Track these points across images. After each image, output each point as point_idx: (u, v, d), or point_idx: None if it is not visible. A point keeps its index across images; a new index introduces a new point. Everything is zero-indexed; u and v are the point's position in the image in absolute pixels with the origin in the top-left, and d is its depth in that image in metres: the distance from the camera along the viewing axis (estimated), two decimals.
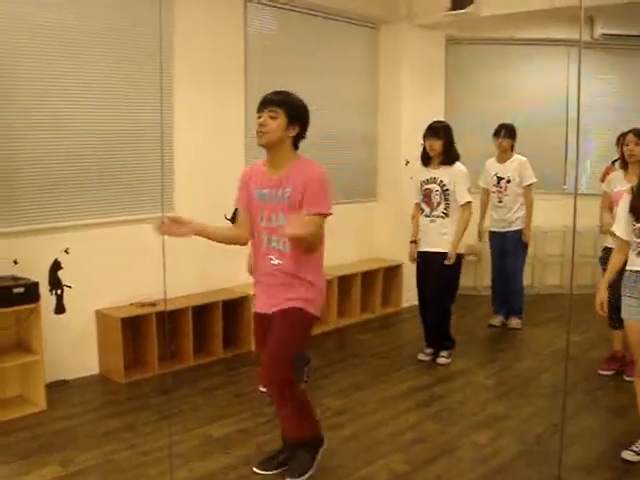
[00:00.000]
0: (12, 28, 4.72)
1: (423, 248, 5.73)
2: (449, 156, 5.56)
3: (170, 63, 5.57)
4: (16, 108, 4.78)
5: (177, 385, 5.16)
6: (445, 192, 5.54)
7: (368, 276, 7.17)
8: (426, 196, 5.65)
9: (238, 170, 6.11)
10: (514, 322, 6.80)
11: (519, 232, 6.60)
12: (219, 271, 6.02)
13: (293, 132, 3.42)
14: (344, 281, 6.88)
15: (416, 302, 5.95)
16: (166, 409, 4.66)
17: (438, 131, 5.54)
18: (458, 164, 5.57)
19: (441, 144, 5.51)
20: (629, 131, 5.03)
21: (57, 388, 4.99)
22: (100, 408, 4.75)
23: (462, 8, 6.86)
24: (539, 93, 8.10)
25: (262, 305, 3.61)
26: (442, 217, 5.57)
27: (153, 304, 5.37)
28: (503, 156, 6.59)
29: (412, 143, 6.56)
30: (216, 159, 6.00)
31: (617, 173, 5.22)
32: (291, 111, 3.37)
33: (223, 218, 6.05)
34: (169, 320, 5.54)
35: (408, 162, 7.16)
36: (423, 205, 5.70)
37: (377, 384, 5.24)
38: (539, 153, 7.13)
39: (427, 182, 5.63)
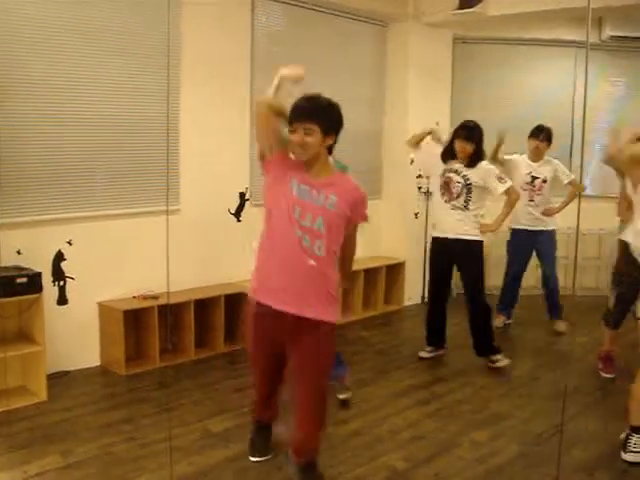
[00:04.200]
0: (27, 24, 4.73)
1: (442, 234, 5.55)
2: (476, 159, 5.37)
3: (177, 59, 5.57)
4: (24, 100, 4.79)
5: (177, 379, 5.17)
6: (468, 186, 5.35)
7: (371, 273, 7.16)
8: (445, 184, 5.44)
9: (243, 166, 6.21)
10: (561, 326, 6.63)
11: (554, 232, 6.56)
12: (221, 265, 6.03)
13: (329, 142, 3.38)
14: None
15: (418, 301, 5.94)
16: (166, 402, 4.67)
17: (473, 134, 5.31)
18: (483, 163, 5.40)
19: (473, 148, 5.32)
20: None
21: (58, 379, 5.00)
22: (101, 400, 4.76)
23: (470, 7, 6.85)
24: (546, 94, 8.07)
25: (286, 301, 3.36)
26: (462, 209, 5.39)
27: (155, 297, 5.38)
28: (537, 157, 6.47)
29: None
30: (221, 154, 6.00)
31: None
32: (326, 125, 3.31)
33: (227, 212, 6.10)
34: (171, 313, 5.54)
35: (413, 161, 7.15)
36: (442, 191, 5.47)
37: (379, 381, 5.25)
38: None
39: (449, 171, 5.41)
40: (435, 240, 5.65)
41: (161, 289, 5.32)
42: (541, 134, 6.38)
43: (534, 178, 6.43)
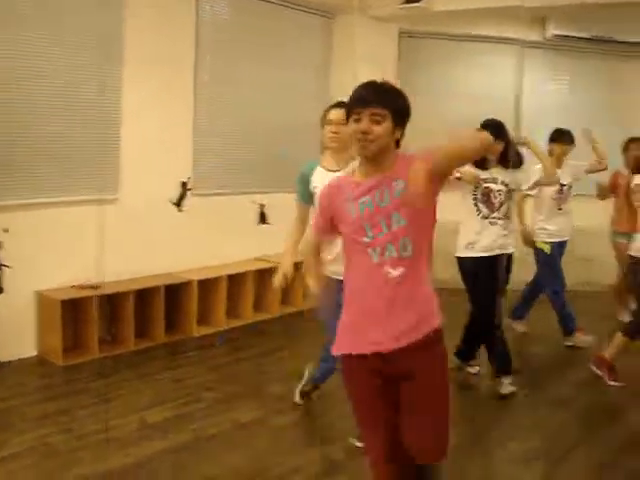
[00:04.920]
0: None
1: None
2: (511, 159, 4.85)
3: (120, 46, 5.49)
4: None
5: (117, 369, 5.11)
6: (508, 193, 4.88)
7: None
8: (484, 195, 4.89)
9: (185, 155, 6.16)
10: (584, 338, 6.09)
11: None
12: (162, 255, 5.98)
13: (399, 134, 2.69)
14: None
15: None
16: (104, 393, 4.62)
17: (501, 132, 4.74)
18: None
19: (502, 147, 4.80)
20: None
21: None
22: (37, 391, 4.70)
23: (415, 1, 6.89)
24: (492, 90, 8.13)
25: (376, 339, 2.61)
26: (504, 219, 4.90)
27: (95, 287, 5.32)
28: (558, 163, 5.87)
29: None
30: (163, 143, 5.94)
31: None
32: (398, 112, 2.63)
33: (168, 202, 6.05)
34: (110, 303, 5.49)
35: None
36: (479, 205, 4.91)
37: None
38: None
39: (485, 181, 4.85)
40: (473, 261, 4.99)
41: (101, 279, 5.27)
42: (564, 138, 5.94)
43: (562, 185, 5.92)
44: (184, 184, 6.17)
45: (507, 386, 4.86)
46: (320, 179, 3.92)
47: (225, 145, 6.58)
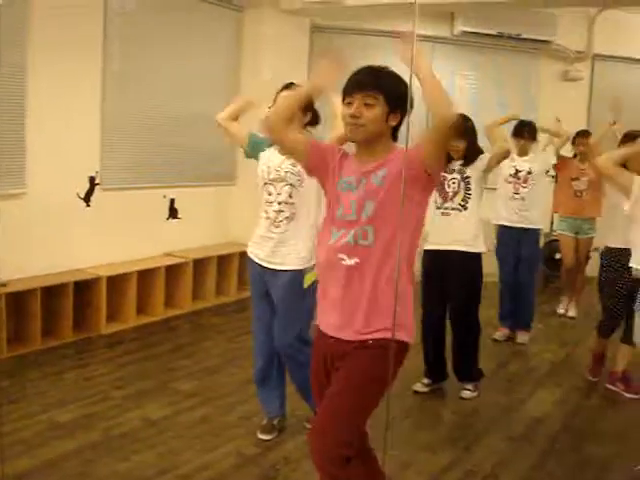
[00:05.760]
0: None
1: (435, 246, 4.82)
2: (472, 156, 4.75)
3: (23, 36, 5.34)
4: None
5: (22, 369, 5.01)
6: (465, 179, 4.72)
7: (224, 260, 7.17)
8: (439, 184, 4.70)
9: (93, 149, 6.07)
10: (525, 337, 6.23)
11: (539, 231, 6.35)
12: (70, 251, 5.87)
13: (394, 122, 2.62)
14: (199, 265, 6.88)
15: None
16: (11, 393, 4.53)
17: (464, 130, 4.62)
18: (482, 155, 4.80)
19: (464, 145, 4.71)
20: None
21: None
22: None
23: None
24: None
25: (330, 321, 2.71)
26: (459, 210, 4.74)
27: (3, 284, 5.18)
28: (523, 154, 6.13)
29: None
30: (70, 137, 5.82)
31: None
32: (393, 97, 2.55)
33: (76, 196, 5.95)
34: (16, 301, 5.37)
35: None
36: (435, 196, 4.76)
37: (229, 368, 5.28)
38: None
39: (445, 172, 4.71)
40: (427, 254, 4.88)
41: (8, 276, 5.16)
42: (524, 131, 6.08)
43: (518, 171, 6.10)
44: (92, 178, 6.07)
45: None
46: (267, 158, 3.93)
47: (134, 138, 6.49)
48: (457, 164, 4.74)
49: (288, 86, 3.94)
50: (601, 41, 8.70)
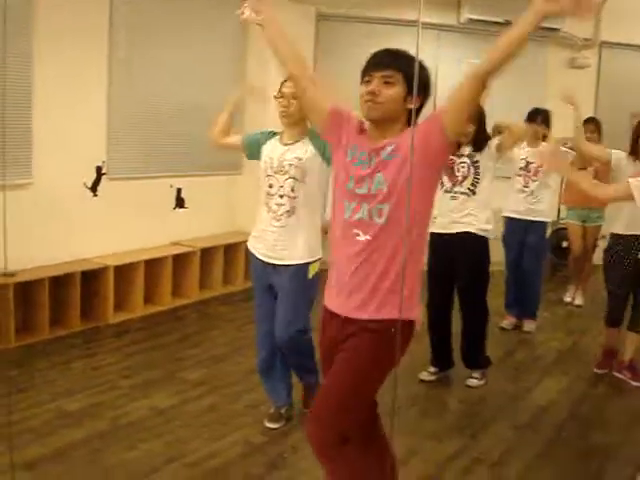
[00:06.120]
0: None
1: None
2: (481, 142, 4.74)
3: (28, 27, 5.34)
4: None
5: (31, 358, 5.04)
6: (475, 163, 4.69)
7: (231, 249, 7.18)
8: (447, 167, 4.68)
9: (99, 138, 6.08)
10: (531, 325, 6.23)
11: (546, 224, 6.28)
12: (77, 241, 5.90)
13: (411, 105, 2.53)
14: (206, 254, 6.90)
15: None
16: (19, 383, 4.56)
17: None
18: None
19: (474, 130, 4.67)
20: None
21: None
22: None
23: None
24: None
25: (336, 299, 2.71)
26: (467, 194, 4.72)
27: (12, 274, 5.21)
28: (535, 142, 6.03)
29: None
30: (77, 127, 5.84)
31: (627, 157, 4.99)
32: (412, 78, 2.42)
33: (83, 186, 5.97)
34: (24, 291, 5.39)
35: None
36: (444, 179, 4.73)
37: (236, 357, 5.30)
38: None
39: (454, 155, 4.68)
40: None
41: (16, 266, 5.18)
42: (538, 117, 6.02)
43: (528, 163, 6.04)
44: (99, 168, 6.08)
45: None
46: (270, 150, 3.91)
47: (141, 128, 6.50)
48: (467, 149, 4.71)
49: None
50: (609, 28, 8.64)
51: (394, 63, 2.56)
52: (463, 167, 4.70)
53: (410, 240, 2.54)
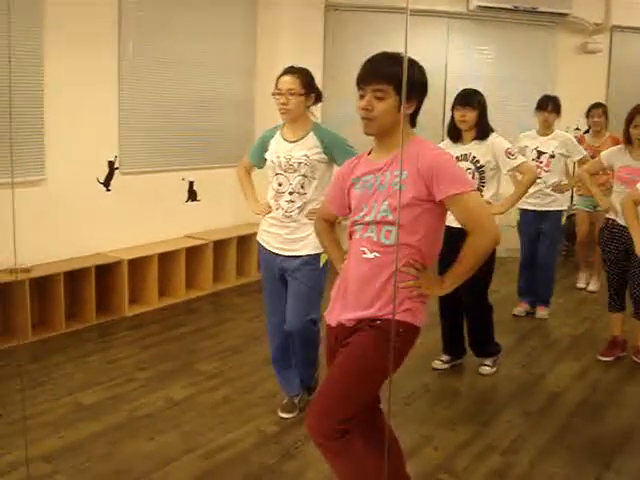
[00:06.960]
0: None
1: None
2: (483, 131, 4.69)
3: (39, 23, 5.39)
4: None
5: (48, 352, 5.11)
6: (480, 169, 4.66)
7: (244, 240, 7.21)
8: None
9: (112, 133, 6.11)
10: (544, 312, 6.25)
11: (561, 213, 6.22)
12: (91, 236, 5.95)
13: (409, 110, 2.64)
14: (220, 246, 6.94)
15: None
16: (36, 377, 4.62)
17: (471, 100, 4.63)
18: (492, 135, 4.71)
19: (475, 115, 4.65)
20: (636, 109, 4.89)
21: None
22: None
23: None
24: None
25: (337, 312, 2.79)
26: None
27: (27, 270, 5.27)
28: (546, 130, 6.03)
29: None
30: (89, 122, 5.88)
31: (619, 148, 5.08)
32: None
33: (96, 181, 6.01)
34: (40, 286, 5.45)
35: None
36: None
37: (251, 347, 5.34)
38: (419, 122, 7.28)
39: (457, 159, 4.56)
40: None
41: (32, 262, 5.24)
42: (549, 104, 5.96)
43: (540, 153, 6.02)
44: (111, 163, 6.13)
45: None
46: (275, 147, 3.93)
47: (152, 122, 6.53)
48: (467, 147, 4.68)
49: (287, 71, 3.87)
50: (619, 12, 8.60)
51: (385, 74, 2.56)
52: (469, 174, 4.61)
53: (420, 256, 2.67)
